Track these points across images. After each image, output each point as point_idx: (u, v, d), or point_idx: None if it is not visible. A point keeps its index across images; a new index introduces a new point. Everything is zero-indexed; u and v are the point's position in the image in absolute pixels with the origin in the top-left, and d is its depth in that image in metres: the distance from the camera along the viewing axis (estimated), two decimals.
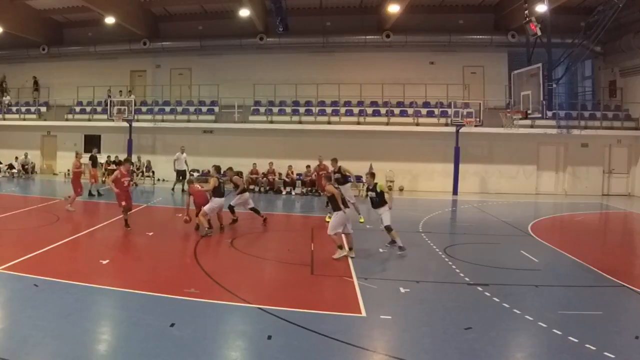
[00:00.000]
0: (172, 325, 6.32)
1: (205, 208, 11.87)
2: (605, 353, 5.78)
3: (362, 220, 12.92)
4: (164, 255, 10.32)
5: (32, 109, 26.00)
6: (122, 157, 22.98)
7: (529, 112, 18.36)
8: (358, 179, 22.20)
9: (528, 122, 20.76)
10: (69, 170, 25.13)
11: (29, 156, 24.99)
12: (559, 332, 6.44)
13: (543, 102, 18.03)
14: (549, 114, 20.69)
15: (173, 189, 20.28)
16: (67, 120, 25.33)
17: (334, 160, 14.12)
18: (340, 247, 9.79)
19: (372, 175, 10.92)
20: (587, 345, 6.03)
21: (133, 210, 13.43)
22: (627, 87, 22.95)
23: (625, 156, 22.70)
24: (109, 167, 23.77)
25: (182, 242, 11.49)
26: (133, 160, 22.38)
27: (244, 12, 21.50)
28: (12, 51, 26.11)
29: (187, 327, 6.32)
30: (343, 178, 13.58)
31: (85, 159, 18.48)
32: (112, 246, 10.93)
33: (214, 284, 8.26)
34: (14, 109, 26.31)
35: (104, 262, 9.24)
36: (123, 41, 24.71)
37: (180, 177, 20.42)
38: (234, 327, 6.75)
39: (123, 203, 12.10)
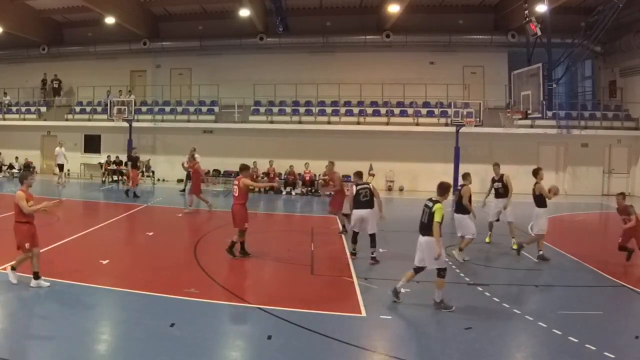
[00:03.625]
0: (172, 325, 6.36)
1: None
2: (605, 353, 5.81)
3: None
4: (164, 255, 10.36)
5: (32, 109, 26.05)
6: (123, 157, 23.10)
7: (529, 112, 18.48)
8: (346, 178, 22.21)
9: (528, 122, 20.91)
10: (68, 170, 25.21)
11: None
12: (559, 332, 6.49)
13: (543, 102, 18.16)
14: (549, 114, 20.84)
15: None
16: (67, 120, 25.38)
17: (497, 166, 12.26)
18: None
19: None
20: (587, 345, 6.07)
21: (132, 211, 13.41)
22: (627, 87, 23.06)
23: (625, 156, 22.81)
24: (108, 168, 23.80)
25: (182, 242, 11.54)
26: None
27: (244, 12, 21.60)
28: (12, 51, 26.12)
29: (187, 327, 6.37)
30: (504, 189, 11.83)
31: None
32: (112, 246, 10.94)
33: (214, 284, 8.31)
34: (14, 109, 26.26)
35: (104, 262, 9.27)
36: (123, 41, 24.73)
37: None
38: (234, 327, 6.83)
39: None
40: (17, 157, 25.14)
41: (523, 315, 7.19)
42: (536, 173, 10.84)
